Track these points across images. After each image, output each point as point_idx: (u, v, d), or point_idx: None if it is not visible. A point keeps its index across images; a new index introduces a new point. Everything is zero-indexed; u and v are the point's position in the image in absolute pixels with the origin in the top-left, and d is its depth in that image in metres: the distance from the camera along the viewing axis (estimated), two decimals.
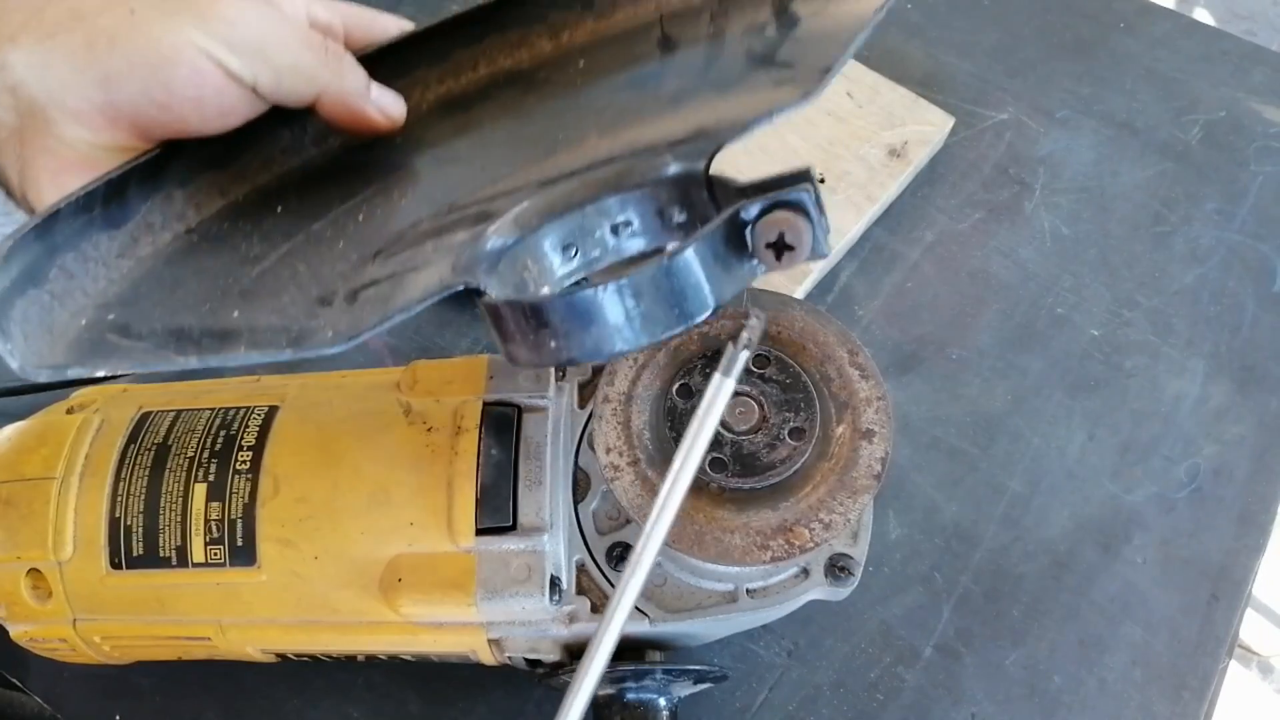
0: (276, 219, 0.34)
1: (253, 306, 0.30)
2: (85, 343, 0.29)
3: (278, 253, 0.33)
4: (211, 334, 0.29)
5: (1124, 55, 0.64)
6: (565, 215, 0.30)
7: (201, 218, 0.34)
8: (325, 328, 0.27)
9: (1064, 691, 0.45)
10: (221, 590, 0.37)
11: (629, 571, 0.28)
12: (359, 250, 0.32)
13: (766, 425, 0.35)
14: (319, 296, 0.30)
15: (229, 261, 0.33)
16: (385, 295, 0.28)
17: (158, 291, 0.32)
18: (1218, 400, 0.52)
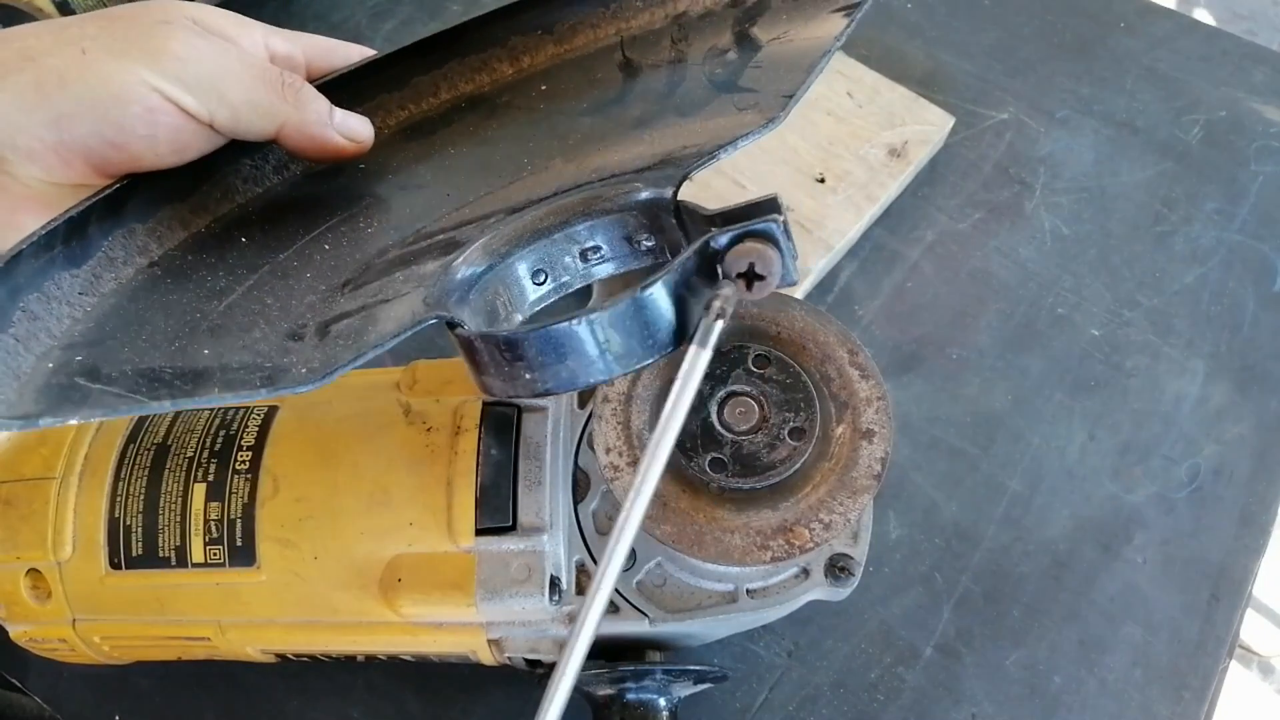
0: (241, 250, 0.34)
1: (222, 344, 0.30)
2: (54, 389, 0.29)
3: (244, 285, 0.33)
4: (183, 375, 0.29)
5: (1124, 55, 0.64)
6: (534, 242, 0.31)
7: (164, 250, 0.34)
8: (299, 364, 0.27)
9: (1064, 692, 0.45)
10: (221, 590, 0.37)
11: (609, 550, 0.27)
12: (327, 281, 0.32)
13: (766, 425, 0.35)
14: (289, 331, 0.30)
15: (195, 296, 0.32)
16: (357, 330, 0.28)
17: (124, 330, 0.31)
18: (1218, 400, 0.52)
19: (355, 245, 0.33)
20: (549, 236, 0.31)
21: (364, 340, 0.27)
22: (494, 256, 0.30)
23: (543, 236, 0.31)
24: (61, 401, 0.28)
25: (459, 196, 0.34)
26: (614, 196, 0.30)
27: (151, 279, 0.33)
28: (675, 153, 0.31)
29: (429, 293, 0.28)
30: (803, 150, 0.57)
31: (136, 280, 0.33)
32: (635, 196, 0.30)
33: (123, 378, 0.29)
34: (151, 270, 0.34)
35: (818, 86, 0.59)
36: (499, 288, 0.30)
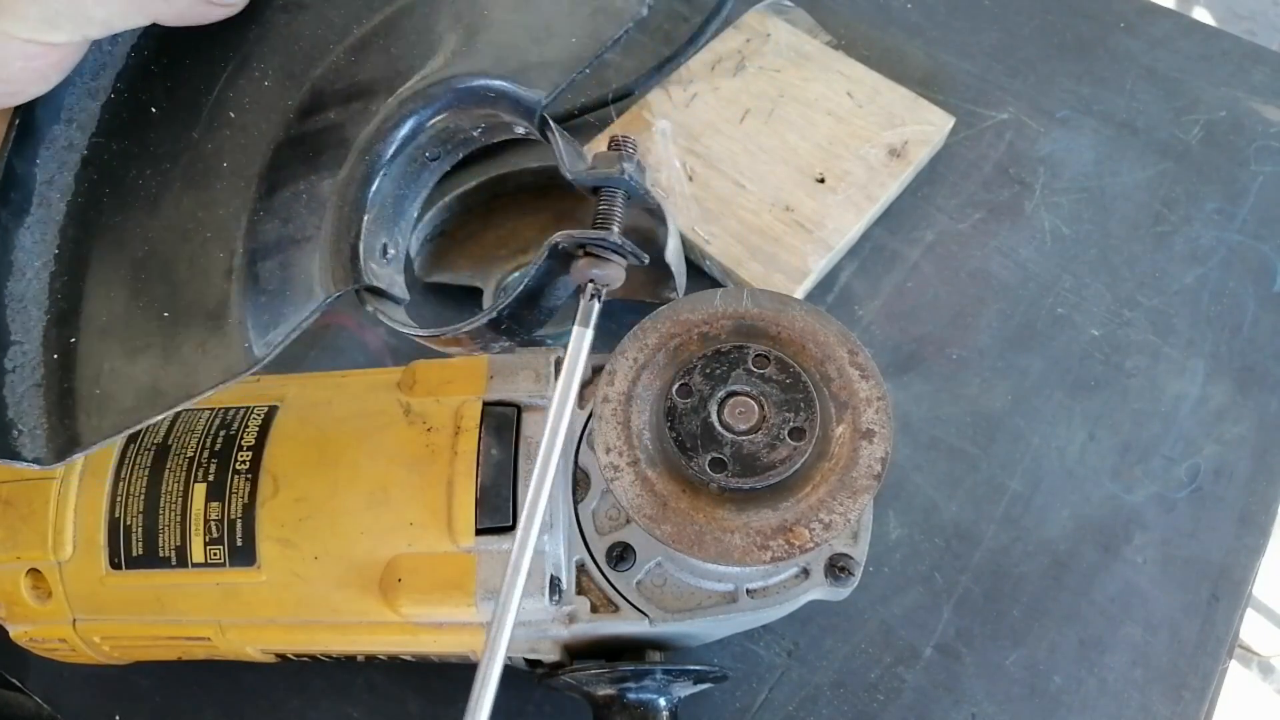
0: (155, 126, 0.34)
1: (174, 294, 0.32)
2: (70, 405, 0.31)
3: (173, 191, 0.33)
4: (157, 353, 0.32)
5: (1124, 55, 0.64)
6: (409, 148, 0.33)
7: (87, 137, 0.34)
8: (240, 341, 0.31)
9: (1064, 691, 0.45)
10: (221, 590, 0.37)
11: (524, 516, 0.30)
12: (242, 174, 0.33)
13: (766, 425, 0.35)
14: (224, 266, 0.32)
15: (136, 212, 0.33)
16: (278, 290, 0.31)
17: (95, 281, 0.33)
18: (1218, 400, 0.52)
19: (257, 110, 0.34)
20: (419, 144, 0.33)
21: (285, 317, 0.31)
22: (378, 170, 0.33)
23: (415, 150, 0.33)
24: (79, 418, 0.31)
25: (341, 20, 0.34)
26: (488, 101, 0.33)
27: (91, 188, 0.34)
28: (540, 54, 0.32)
29: (332, 256, 0.31)
30: (803, 150, 0.57)
31: (82, 193, 0.34)
32: (507, 97, 0.32)
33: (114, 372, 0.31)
34: (88, 173, 0.34)
35: (818, 86, 0.59)
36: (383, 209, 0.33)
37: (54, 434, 0.31)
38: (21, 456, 0.30)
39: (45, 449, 0.31)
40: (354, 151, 0.32)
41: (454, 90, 0.33)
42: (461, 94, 0.33)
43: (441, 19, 0.33)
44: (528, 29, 0.33)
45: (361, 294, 0.32)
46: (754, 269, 0.53)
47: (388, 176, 0.33)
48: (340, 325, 0.55)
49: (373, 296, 0.32)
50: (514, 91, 0.32)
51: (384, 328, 0.55)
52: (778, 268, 0.53)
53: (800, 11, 0.64)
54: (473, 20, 0.33)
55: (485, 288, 0.53)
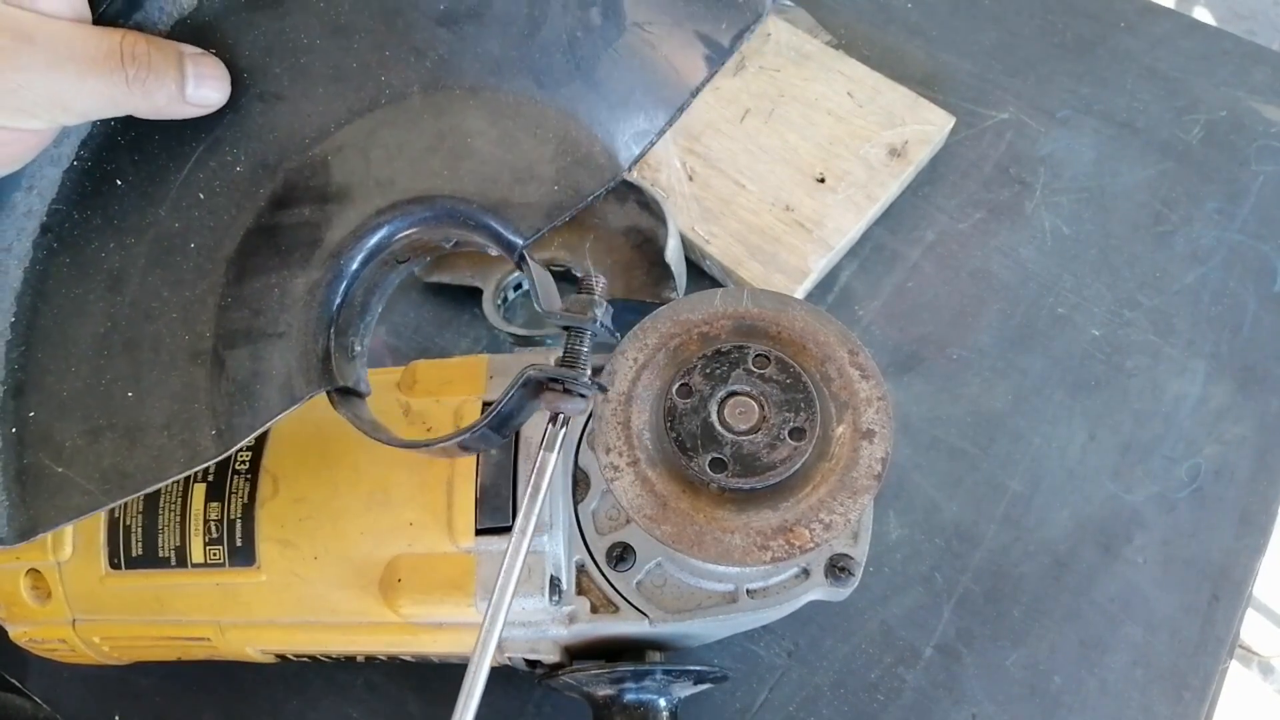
0: (120, 199, 0.34)
1: (140, 371, 0.32)
2: (30, 479, 0.31)
3: (137, 268, 0.33)
4: (122, 433, 0.32)
5: (1124, 55, 0.64)
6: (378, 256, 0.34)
7: (46, 204, 0.34)
8: (206, 428, 0.31)
9: (1064, 692, 0.45)
10: (221, 590, 0.37)
11: None
12: (210, 256, 0.33)
13: (766, 425, 0.34)
14: (190, 349, 0.33)
15: (97, 285, 0.33)
16: (246, 382, 0.32)
17: (53, 354, 0.33)
18: (1218, 400, 0.52)
19: (227, 194, 0.34)
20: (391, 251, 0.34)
21: (255, 410, 0.31)
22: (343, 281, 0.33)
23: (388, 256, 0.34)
24: (40, 497, 0.31)
25: (319, 119, 0.34)
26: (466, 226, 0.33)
27: (50, 256, 0.34)
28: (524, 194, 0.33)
29: (304, 356, 0.32)
30: (803, 150, 0.57)
31: (39, 260, 0.34)
32: (487, 229, 0.33)
33: (75, 450, 0.32)
34: (47, 239, 0.34)
35: (818, 86, 0.59)
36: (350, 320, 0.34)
37: (14, 514, 0.31)
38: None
39: (6, 529, 0.31)
40: (327, 253, 0.33)
41: (435, 210, 0.33)
42: (441, 215, 0.33)
43: (424, 137, 0.34)
44: (511, 167, 0.33)
45: (333, 396, 0.32)
46: (754, 269, 0.53)
47: (358, 280, 0.34)
48: None
49: (342, 397, 0.33)
50: (496, 227, 0.33)
51: (384, 327, 0.55)
52: (778, 267, 0.53)
53: (801, 11, 0.64)
54: (456, 145, 0.33)
55: (485, 288, 0.53)
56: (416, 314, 0.55)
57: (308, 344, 0.32)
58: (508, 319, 0.54)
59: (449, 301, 0.55)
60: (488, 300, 0.53)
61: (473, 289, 0.53)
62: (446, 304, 0.55)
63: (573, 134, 0.33)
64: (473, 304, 0.54)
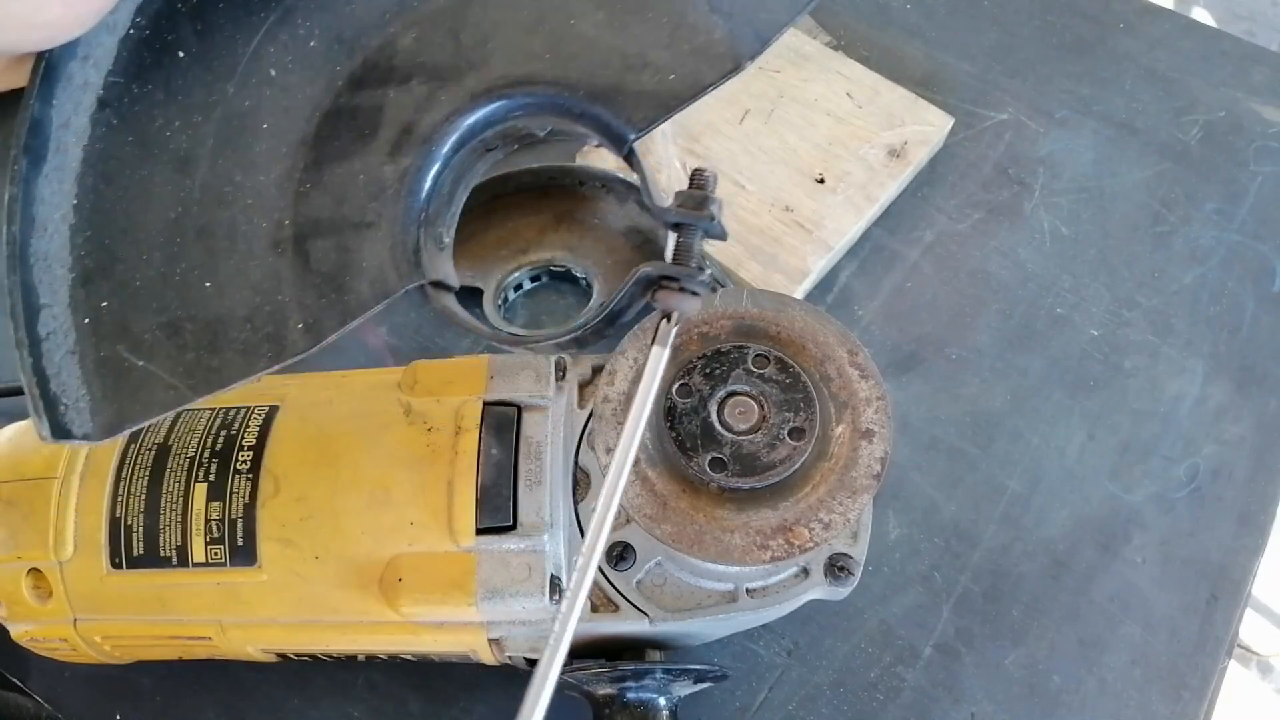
0: (183, 73, 0.32)
1: (216, 261, 0.30)
2: (108, 372, 0.29)
3: (206, 148, 0.31)
4: (201, 328, 0.30)
5: (1124, 55, 0.64)
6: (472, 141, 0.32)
7: (103, 76, 0.32)
8: (294, 321, 0.29)
9: (1064, 691, 0.45)
10: (222, 590, 0.37)
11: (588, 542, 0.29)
12: (285, 139, 0.31)
13: (766, 425, 0.35)
14: (270, 238, 0.30)
15: (164, 166, 0.31)
16: (334, 274, 0.30)
17: (122, 238, 0.31)
18: (1217, 400, 0.52)
19: (301, 71, 0.32)
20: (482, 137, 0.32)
21: (345, 305, 0.29)
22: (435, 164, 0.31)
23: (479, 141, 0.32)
24: (122, 391, 0.29)
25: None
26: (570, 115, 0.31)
27: (110, 133, 0.31)
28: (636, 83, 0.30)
29: (396, 248, 0.30)
30: (802, 150, 0.57)
31: (98, 138, 0.31)
32: (594, 119, 0.31)
33: (155, 343, 0.30)
34: (105, 115, 0.32)
35: (817, 87, 0.59)
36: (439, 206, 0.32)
37: (98, 408, 0.29)
38: (72, 434, 0.28)
39: (91, 424, 0.29)
40: (418, 138, 0.31)
41: (537, 97, 0.31)
42: (544, 102, 0.31)
43: (521, 16, 0.31)
44: (620, 53, 0.31)
45: (427, 289, 0.31)
46: (754, 269, 0.53)
47: (449, 167, 0.32)
48: None
49: (437, 290, 0.31)
50: (606, 118, 0.31)
51: (385, 327, 0.55)
52: (777, 268, 0.53)
53: None
54: (558, 27, 0.31)
55: (485, 288, 0.53)
56: (417, 314, 0.55)
57: (398, 234, 0.30)
58: (508, 319, 0.54)
59: None
60: (488, 300, 0.53)
61: (473, 289, 0.54)
62: None
63: (690, 19, 0.31)
64: (473, 304, 0.54)
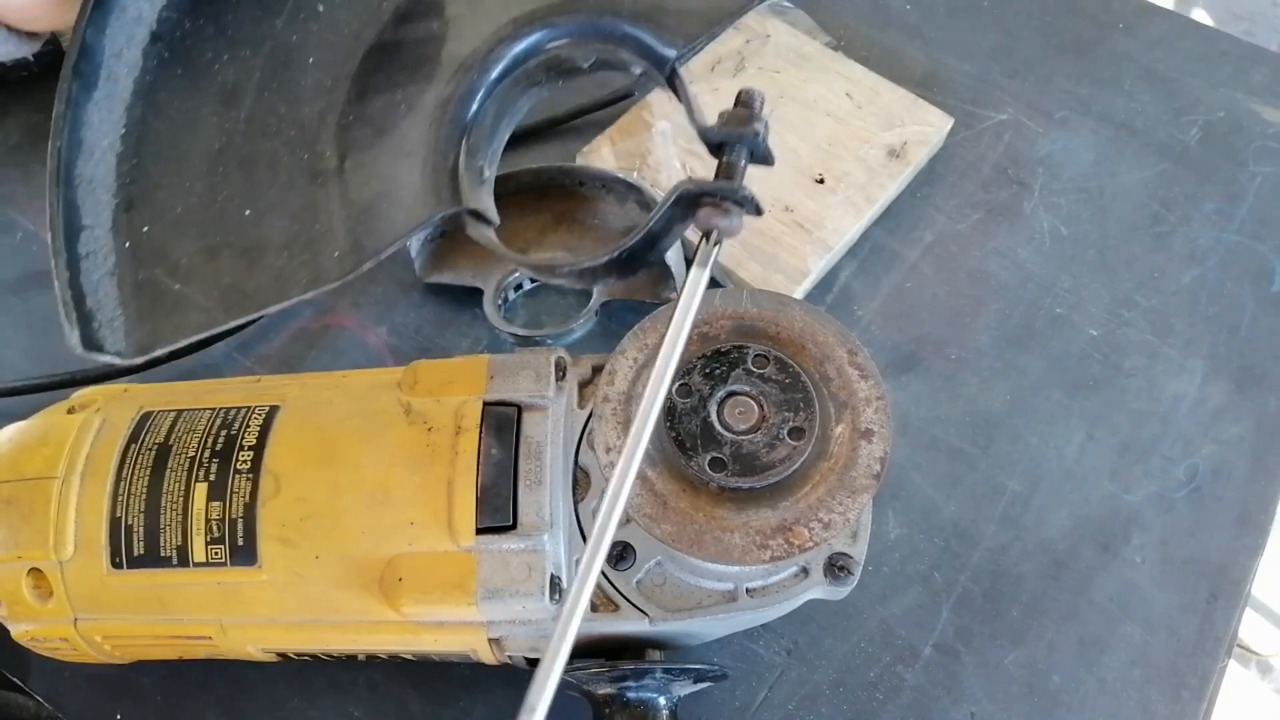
0: (235, 8, 0.32)
1: (257, 192, 0.30)
2: (146, 294, 0.29)
3: (253, 81, 0.31)
4: (240, 253, 0.30)
5: (1123, 56, 0.64)
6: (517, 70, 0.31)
7: (157, 10, 0.32)
8: (329, 249, 0.29)
9: (1063, 691, 0.45)
10: (222, 590, 0.38)
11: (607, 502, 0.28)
12: (330, 73, 0.31)
13: (766, 425, 0.35)
14: (310, 169, 0.30)
15: (211, 99, 0.31)
16: (373, 201, 0.29)
17: (166, 167, 0.31)
18: (1216, 400, 0.52)
19: (351, 7, 0.32)
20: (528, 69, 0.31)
21: (381, 231, 0.29)
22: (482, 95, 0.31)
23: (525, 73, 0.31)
24: (157, 313, 0.29)
25: None
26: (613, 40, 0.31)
27: (161, 66, 0.32)
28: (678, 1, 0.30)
29: (434, 174, 0.29)
30: (802, 151, 0.57)
31: (149, 70, 0.32)
32: (635, 42, 0.30)
33: (192, 268, 0.30)
34: (158, 49, 0.32)
35: (817, 87, 0.59)
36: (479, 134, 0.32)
37: (132, 328, 0.29)
38: (104, 349, 0.28)
39: (125, 343, 0.29)
40: (457, 64, 0.30)
41: (579, 23, 0.31)
42: (586, 28, 0.31)
43: None
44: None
45: (465, 216, 0.30)
46: (753, 269, 0.53)
47: (491, 96, 0.31)
48: (340, 325, 0.55)
49: (473, 220, 0.31)
50: (648, 40, 0.30)
51: (385, 327, 0.55)
52: (777, 268, 0.53)
53: (799, 12, 0.64)
54: None
55: (485, 288, 0.53)
56: (417, 314, 0.55)
57: (437, 162, 0.30)
58: (508, 319, 0.54)
59: (449, 302, 0.55)
60: (488, 300, 0.53)
61: (473, 289, 0.54)
62: (447, 304, 0.55)
63: None
64: (473, 304, 0.54)
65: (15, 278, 0.58)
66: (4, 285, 0.58)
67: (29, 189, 0.61)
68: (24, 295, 0.58)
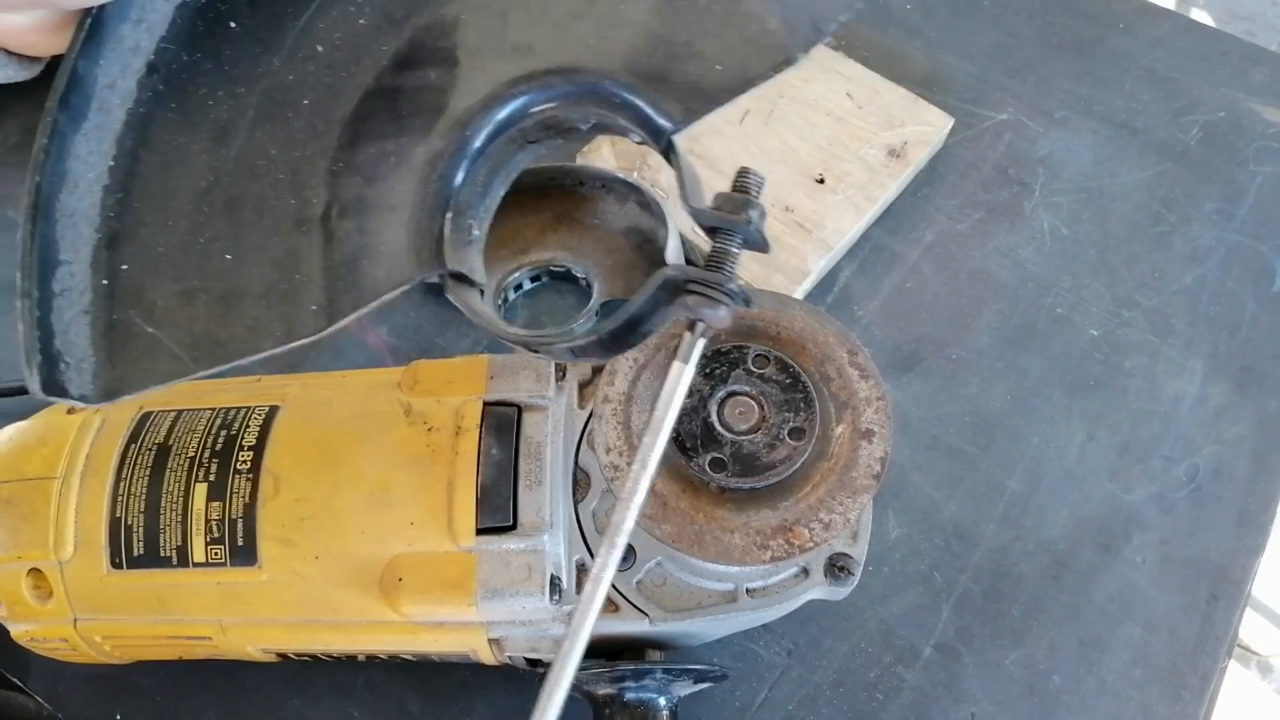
0: (233, 43, 0.32)
1: (240, 235, 0.30)
2: (116, 333, 0.29)
3: (246, 119, 0.31)
4: (217, 299, 0.29)
5: (1123, 55, 0.64)
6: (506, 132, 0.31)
7: (155, 40, 0.31)
8: (307, 303, 0.29)
9: (1063, 691, 0.45)
10: (222, 590, 0.37)
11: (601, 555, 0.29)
12: (323, 116, 0.31)
13: (766, 425, 0.35)
14: (296, 215, 0.30)
15: (202, 136, 0.31)
16: (354, 256, 0.29)
17: (151, 204, 0.30)
18: (1217, 400, 0.52)
19: (348, 48, 0.31)
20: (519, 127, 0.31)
21: (361, 288, 0.29)
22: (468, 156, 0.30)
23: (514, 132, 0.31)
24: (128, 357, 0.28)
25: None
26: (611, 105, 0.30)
27: (155, 98, 0.31)
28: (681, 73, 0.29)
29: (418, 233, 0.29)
30: (802, 151, 0.57)
31: (143, 102, 0.31)
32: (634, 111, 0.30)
33: (167, 311, 0.29)
34: (153, 80, 0.31)
35: (817, 87, 0.59)
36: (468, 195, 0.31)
37: (100, 371, 0.28)
38: (68, 393, 0.28)
39: (91, 386, 0.28)
40: (451, 121, 0.30)
41: (577, 85, 0.30)
42: (584, 90, 0.30)
43: (570, 1, 0.30)
44: (668, 42, 0.30)
45: (446, 280, 0.30)
46: (753, 269, 0.53)
47: (483, 155, 0.31)
48: None
49: (456, 284, 0.30)
50: (646, 110, 0.30)
51: (385, 327, 0.55)
52: (777, 268, 0.53)
53: None
54: (607, 13, 0.30)
55: (485, 288, 0.53)
56: (417, 314, 0.55)
57: (423, 221, 0.29)
58: (508, 319, 0.54)
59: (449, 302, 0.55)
60: (487, 301, 0.53)
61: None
62: (447, 304, 0.55)
63: (744, 6, 0.30)
64: None
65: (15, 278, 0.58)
66: (4, 285, 0.58)
67: None
68: None
